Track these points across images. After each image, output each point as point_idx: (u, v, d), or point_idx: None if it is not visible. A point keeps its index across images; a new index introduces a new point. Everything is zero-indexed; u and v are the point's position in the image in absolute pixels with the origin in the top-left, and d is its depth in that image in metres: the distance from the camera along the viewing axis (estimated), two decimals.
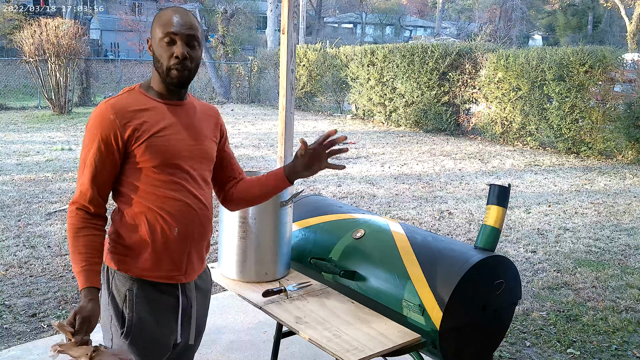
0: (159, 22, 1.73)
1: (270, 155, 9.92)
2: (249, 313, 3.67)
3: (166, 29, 1.70)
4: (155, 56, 1.74)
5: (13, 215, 5.88)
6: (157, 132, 1.72)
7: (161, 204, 1.72)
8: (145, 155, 1.70)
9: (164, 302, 1.78)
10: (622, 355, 3.42)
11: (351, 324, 2.08)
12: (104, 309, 1.77)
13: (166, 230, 1.73)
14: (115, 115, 1.67)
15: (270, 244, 2.36)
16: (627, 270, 4.89)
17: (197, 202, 1.79)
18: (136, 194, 1.72)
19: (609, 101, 10.43)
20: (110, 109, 1.68)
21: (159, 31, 1.71)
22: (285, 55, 3.64)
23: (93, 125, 1.69)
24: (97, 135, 1.67)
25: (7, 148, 9.74)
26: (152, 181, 1.72)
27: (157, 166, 1.71)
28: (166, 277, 1.77)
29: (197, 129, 1.83)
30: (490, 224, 2.17)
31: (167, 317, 1.79)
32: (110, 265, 1.76)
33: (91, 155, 1.68)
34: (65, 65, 14.38)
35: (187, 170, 1.77)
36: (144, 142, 1.69)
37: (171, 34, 1.70)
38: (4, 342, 3.34)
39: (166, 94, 1.77)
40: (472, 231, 5.88)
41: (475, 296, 2.08)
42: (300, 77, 17.49)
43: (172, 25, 1.70)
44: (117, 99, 1.73)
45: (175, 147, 1.75)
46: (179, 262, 1.78)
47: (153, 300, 1.76)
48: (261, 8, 33.95)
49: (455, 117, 13.20)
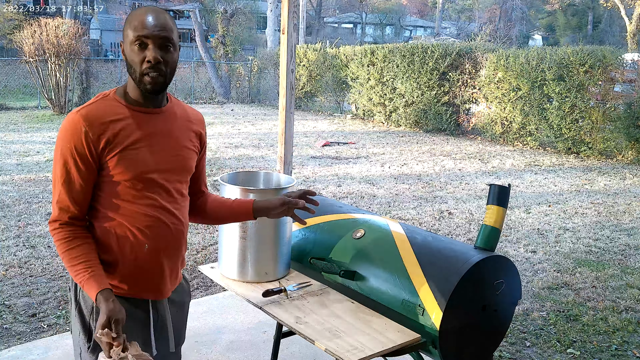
0: (130, 24, 1.61)
1: (270, 155, 9.92)
2: (249, 313, 3.67)
3: (137, 31, 1.58)
4: (127, 61, 1.63)
5: (13, 215, 5.88)
6: (131, 144, 1.63)
7: (132, 219, 1.65)
8: (117, 168, 1.61)
9: (134, 316, 1.69)
10: (622, 355, 3.42)
11: (351, 324, 2.08)
12: (75, 322, 1.71)
13: (135, 247, 1.66)
14: (88, 126, 1.58)
15: (270, 244, 2.36)
16: (627, 270, 4.89)
17: (171, 217, 1.72)
18: (107, 208, 1.65)
19: (609, 101, 10.44)
20: (82, 119, 1.58)
21: (130, 34, 1.59)
22: (285, 55, 3.64)
23: (64, 138, 1.59)
24: (69, 148, 1.58)
25: (7, 148, 9.74)
26: (124, 195, 1.64)
27: (130, 180, 1.63)
28: (136, 294, 1.70)
29: (175, 138, 1.73)
30: (490, 224, 2.17)
31: (137, 332, 1.69)
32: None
33: (66, 169, 1.60)
34: (65, 65, 14.38)
35: (161, 184, 1.68)
36: (116, 154, 1.61)
37: (143, 38, 1.58)
38: (4, 342, 3.34)
39: (142, 101, 1.67)
40: (472, 231, 5.88)
41: (475, 296, 2.08)
42: (300, 77, 17.49)
43: (144, 28, 1.58)
44: (89, 108, 1.62)
45: (150, 160, 1.66)
46: (150, 280, 1.71)
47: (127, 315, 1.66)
48: (261, 8, 33.95)
49: (455, 117, 13.20)
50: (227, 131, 12.79)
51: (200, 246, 5.14)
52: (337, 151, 10.63)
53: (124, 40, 1.63)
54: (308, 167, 9.03)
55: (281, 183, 2.57)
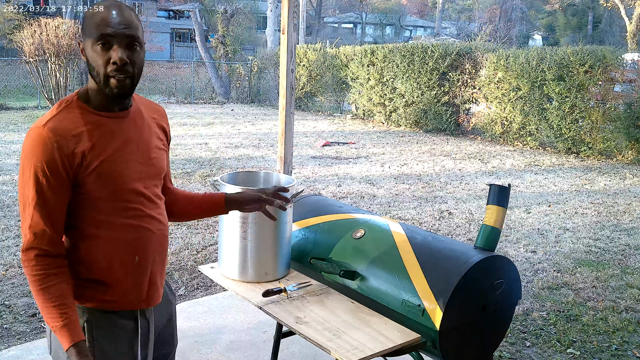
0: (90, 20, 1.47)
1: (270, 155, 9.92)
2: (249, 313, 3.67)
3: (100, 30, 1.45)
4: (89, 63, 1.49)
5: (13, 215, 5.88)
6: (108, 156, 1.52)
7: (119, 233, 1.57)
8: (97, 183, 1.51)
9: (123, 328, 1.64)
10: (622, 355, 3.42)
11: (351, 324, 2.08)
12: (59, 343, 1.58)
13: (126, 261, 1.59)
14: (58, 141, 1.45)
15: (270, 244, 2.36)
16: (627, 270, 4.89)
17: (156, 223, 1.66)
18: (91, 225, 1.55)
19: (609, 101, 10.44)
20: (51, 133, 1.45)
21: (93, 32, 1.46)
22: (285, 55, 3.64)
23: (33, 155, 1.45)
24: (40, 167, 1.45)
25: (7, 148, 9.74)
26: (107, 209, 1.55)
27: (112, 193, 1.54)
28: (127, 305, 1.64)
29: (146, 141, 1.64)
30: (490, 224, 2.17)
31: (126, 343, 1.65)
32: None
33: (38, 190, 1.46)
34: (65, 65, 14.38)
35: (142, 192, 1.61)
36: (94, 169, 1.50)
37: (107, 37, 1.45)
38: (4, 342, 3.34)
39: (108, 105, 1.55)
40: (472, 231, 5.88)
41: (475, 296, 2.08)
42: (300, 77, 17.50)
43: (108, 26, 1.45)
44: (56, 120, 1.48)
45: (128, 170, 1.57)
46: (141, 290, 1.65)
47: (113, 329, 1.62)
48: (261, 8, 33.97)
49: (455, 117, 13.21)
50: (227, 131, 12.79)
51: (200, 246, 5.14)
52: (337, 151, 10.63)
53: (84, 40, 1.49)
54: (308, 167, 9.03)
55: (281, 183, 2.57)
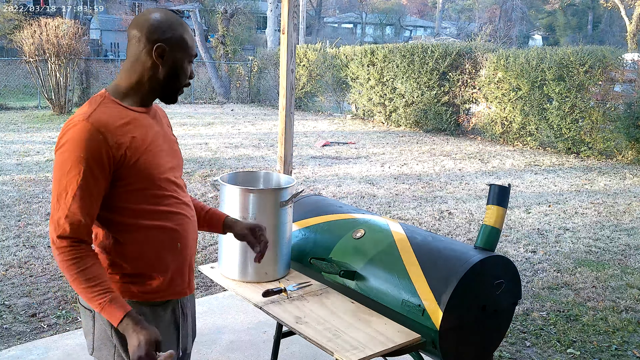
0: (186, 39, 1.63)
1: (270, 155, 9.92)
2: (249, 313, 3.67)
3: (192, 50, 1.65)
4: (172, 70, 1.62)
5: (13, 215, 5.88)
6: (147, 147, 1.59)
7: (163, 221, 1.63)
8: (138, 175, 1.56)
9: (166, 320, 1.69)
10: (622, 355, 3.42)
11: (351, 324, 2.08)
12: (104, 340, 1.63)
13: (171, 247, 1.65)
14: (104, 133, 1.50)
15: (270, 244, 2.35)
16: (627, 270, 4.89)
17: (189, 209, 1.73)
18: (134, 218, 1.59)
19: (609, 101, 10.43)
20: (96, 126, 1.50)
21: (187, 51, 1.63)
22: (285, 55, 3.64)
23: (77, 147, 1.49)
24: (84, 158, 1.48)
25: (7, 148, 9.74)
26: (148, 200, 1.60)
27: (151, 183, 1.59)
28: (175, 294, 1.70)
29: (168, 135, 1.75)
30: (490, 224, 2.17)
31: (169, 334, 1.71)
32: None
33: (79, 181, 1.49)
34: (65, 65, 14.37)
35: (174, 180, 1.68)
36: (136, 161, 1.55)
37: (194, 57, 1.67)
38: (4, 342, 3.34)
39: (141, 103, 1.64)
40: (472, 231, 5.88)
41: (475, 296, 2.08)
42: (300, 77, 17.49)
43: (194, 47, 1.67)
44: (97, 113, 1.53)
45: (163, 160, 1.65)
46: (184, 276, 1.72)
47: (156, 320, 1.66)
48: (261, 8, 33.95)
49: (455, 117, 13.20)
50: (227, 131, 12.78)
51: (200, 246, 5.14)
52: (337, 151, 10.63)
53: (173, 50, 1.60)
54: (308, 167, 9.03)
55: (281, 183, 2.57)
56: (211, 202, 6.66)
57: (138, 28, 1.59)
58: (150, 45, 1.58)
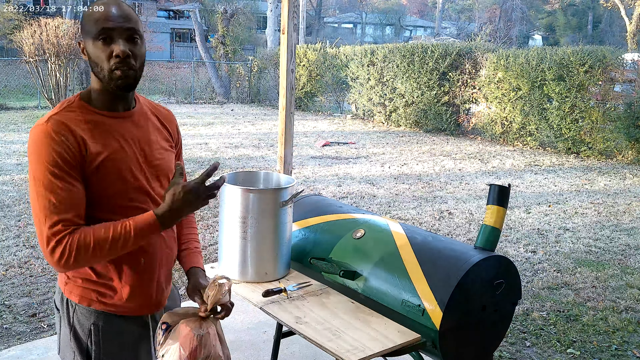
0: (89, 18, 1.48)
1: (270, 155, 9.92)
2: (249, 313, 3.67)
3: (100, 24, 1.45)
4: (91, 59, 1.49)
5: (13, 215, 5.88)
6: (109, 154, 1.50)
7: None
8: (101, 181, 1.49)
9: (132, 333, 1.63)
10: (622, 355, 3.42)
11: (351, 324, 2.08)
12: (65, 344, 1.61)
13: (132, 263, 1.57)
14: (64, 135, 1.44)
15: (270, 244, 2.36)
16: (627, 270, 4.89)
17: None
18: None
19: (609, 101, 10.43)
20: (55, 129, 1.44)
21: (93, 29, 1.46)
22: (285, 55, 3.64)
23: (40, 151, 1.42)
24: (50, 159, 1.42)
25: (7, 148, 9.74)
26: (111, 209, 1.52)
27: (116, 192, 1.52)
28: (134, 311, 1.62)
29: (151, 142, 1.62)
30: (490, 224, 2.17)
31: (136, 349, 1.64)
32: (71, 298, 1.58)
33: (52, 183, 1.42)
34: (65, 65, 14.37)
35: (147, 191, 1.58)
36: (97, 167, 1.48)
37: (108, 30, 1.45)
38: (4, 342, 3.34)
39: (112, 104, 1.55)
40: (472, 231, 5.88)
41: (475, 296, 2.08)
42: (300, 77, 17.49)
43: (108, 20, 1.46)
44: (57, 117, 1.47)
45: (132, 169, 1.55)
46: (148, 293, 1.64)
47: (120, 333, 1.60)
48: (261, 8, 33.97)
49: (455, 117, 13.20)
50: (227, 131, 12.79)
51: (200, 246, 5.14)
52: (337, 151, 10.63)
53: (84, 38, 1.49)
54: (308, 167, 9.03)
55: (281, 183, 2.57)
56: (211, 202, 6.66)
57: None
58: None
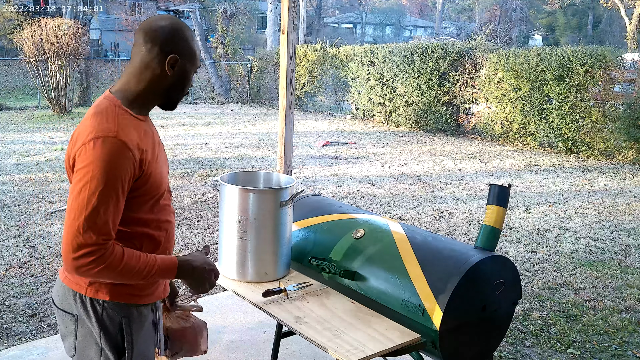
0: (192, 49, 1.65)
1: (270, 155, 9.92)
2: (249, 313, 3.67)
3: (199, 61, 1.69)
4: (178, 79, 1.64)
5: (13, 215, 5.88)
6: (153, 158, 1.63)
7: (155, 230, 1.68)
8: (148, 184, 1.61)
9: (149, 321, 1.74)
10: (622, 355, 3.42)
11: (351, 324, 2.08)
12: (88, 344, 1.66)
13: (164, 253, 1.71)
14: (132, 152, 1.53)
15: (270, 244, 2.36)
16: (627, 270, 4.89)
17: (174, 217, 1.79)
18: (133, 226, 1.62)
19: (609, 101, 10.43)
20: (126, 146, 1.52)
21: (195, 63, 1.67)
22: (285, 55, 3.64)
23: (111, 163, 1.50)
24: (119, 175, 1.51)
25: (7, 148, 9.74)
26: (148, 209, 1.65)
27: (156, 194, 1.66)
28: (156, 298, 1.75)
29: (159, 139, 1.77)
30: (490, 224, 2.17)
31: (151, 333, 1.76)
32: (98, 296, 1.63)
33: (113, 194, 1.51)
34: (65, 65, 14.38)
35: (168, 189, 1.75)
36: (150, 172, 1.61)
37: (199, 67, 1.70)
38: (4, 342, 3.34)
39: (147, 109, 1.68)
40: (472, 231, 5.88)
41: (475, 296, 2.08)
42: (300, 77, 17.49)
43: (198, 60, 1.69)
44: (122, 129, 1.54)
45: (163, 169, 1.71)
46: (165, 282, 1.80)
47: (143, 321, 1.72)
48: (261, 8, 33.97)
49: (455, 117, 13.21)
50: (227, 131, 12.79)
51: (200, 246, 5.14)
52: (337, 151, 10.63)
53: (184, 60, 1.63)
54: (308, 167, 9.03)
55: (281, 183, 2.57)
56: (211, 202, 6.66)
57: (150, 36, 1.60)
58: (163, 55, 1.60)
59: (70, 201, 1.50)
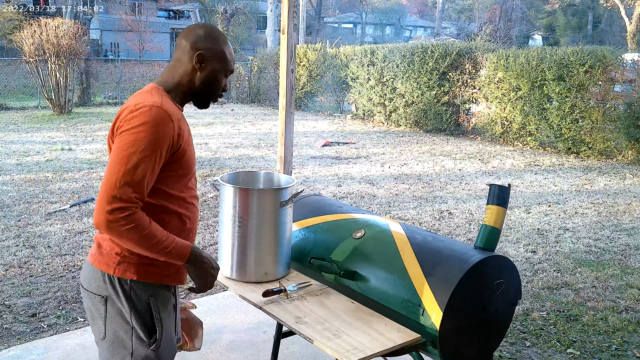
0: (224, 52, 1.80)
1: (270, 155, 9.92)
2: (249, 313, 3.67)
3: (230, 65, 1.82)
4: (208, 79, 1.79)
5: (13, 215, 5.88)
6: (186, 142, 1.77)
7: (184, 209, 1.79)
8: (183, 162, 1.74)
9: (171, 303, 1.83)
10: (622, 355, 3.42)
11: (351, 324, 2.08)
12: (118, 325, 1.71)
13: (186, 236, 1.80)
14: (173, 122, 1.67)
15: (270, 244, 2.36)
16: (627, 270, 4.89)
17: (198, 202, 1.89)
18: (164, 200, 1.73)
19: (609, 101, 10.43)
20: (170, 115, 1.67)
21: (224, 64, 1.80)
22: (285, 55, 3.63)
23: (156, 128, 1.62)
24: (161, 138, 1.63)
25: (7, 148, 9.74)
26: (181, 187, 1.77)
27: (188, 174, 1.79)
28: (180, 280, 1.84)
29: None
30: (490, 224, 2.17)
31: (173, 314, 1.85)
32: (126, 275, 1.70)
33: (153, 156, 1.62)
34: (65, 65, 14.37)
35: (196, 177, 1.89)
36: (184, 150, 1.73)
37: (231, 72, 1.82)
38: (4, 342, 3.34)
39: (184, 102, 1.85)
40: (472, 231, 5.88)
41: (475, 296, 2.08)
42: (300, 77, 17.49)
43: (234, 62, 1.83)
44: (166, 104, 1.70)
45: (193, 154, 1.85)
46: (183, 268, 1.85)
47: (167, 301, 1.80)
48: (261, 8, 33.97)
49: (455, 117, 13.20)
50: (227, 131, 12.79)
51: (200, 246, 5.14)
52: (337, 151, 10.63)
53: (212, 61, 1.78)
54: (308, 167, 9.03)
55: (281, 183, 2.57)
56: (211, 202, 6.66)
57: (186, 36, 1.80)
58: (192, 51, 1.77)
59: (112, 159, 1.61)
